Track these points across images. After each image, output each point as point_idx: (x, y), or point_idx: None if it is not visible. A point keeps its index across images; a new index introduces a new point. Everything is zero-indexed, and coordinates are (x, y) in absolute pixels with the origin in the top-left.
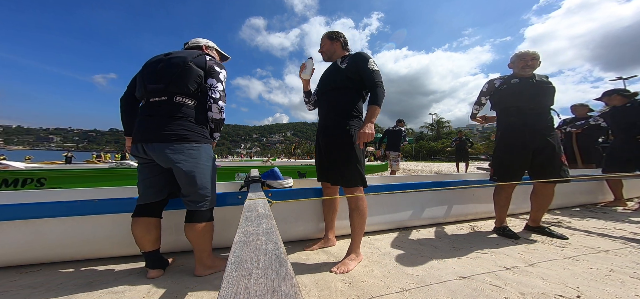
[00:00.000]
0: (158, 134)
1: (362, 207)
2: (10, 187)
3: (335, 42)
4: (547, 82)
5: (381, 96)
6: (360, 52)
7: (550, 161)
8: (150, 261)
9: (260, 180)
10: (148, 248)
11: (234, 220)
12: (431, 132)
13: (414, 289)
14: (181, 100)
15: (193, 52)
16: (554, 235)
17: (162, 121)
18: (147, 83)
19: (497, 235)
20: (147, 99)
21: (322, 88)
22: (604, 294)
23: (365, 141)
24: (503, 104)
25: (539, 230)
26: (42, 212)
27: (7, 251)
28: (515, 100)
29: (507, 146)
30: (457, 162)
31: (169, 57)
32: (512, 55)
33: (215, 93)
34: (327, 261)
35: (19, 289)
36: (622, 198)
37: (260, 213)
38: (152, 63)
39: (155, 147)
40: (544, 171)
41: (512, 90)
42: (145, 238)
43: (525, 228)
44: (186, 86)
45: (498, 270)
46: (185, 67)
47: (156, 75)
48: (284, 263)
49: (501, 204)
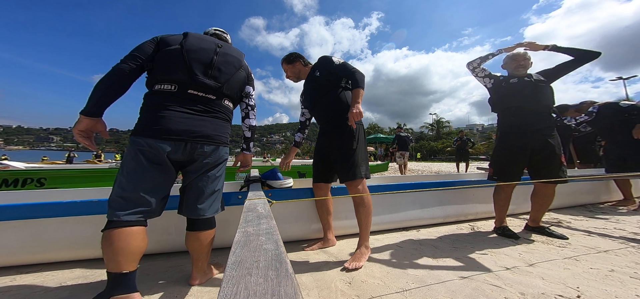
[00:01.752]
0: (215, 135)
1: (367, 201)
2: (10, 188)
3: (296, 62)
4: (545, 82)
5: (361, 79)
6: (321, 56)
7: (550, 161)
8: (131, 282)
9: (260, 180)
10: (134, 267)
11: (234, 220)
12: (431, 132)
13: (414, 289)
14: (228, 104)
15: (241, 53)
16: (554, 235)
17: (216, 122)
18: (198, 74)
19: (497, 235)
20: (189, 90)
21: (311, 101)
22: (604, 294)
23: (356, 120)
24: (504, 104)
25: (539, 230)
26: (42, 212)
27: (7, 251)
28: (517, 99)
29: (507, 146)
30: (458, 162)
31: (225, 52)
32: (504, 57)
33: (251, 100)
34: (328, 261)
35: (19, 289)
36: (631, 197)
37: (260, 213)
38: (201, 49)
39: (211, 149)
40: (543, 170)
41: (513, 89)
42: (140, 251)
43: (525, 228)
44: (237, 90)
45: (498, 270)
46: (239, 70)
47: (211, 68)
48: (284, 263)
49: (501, 204)
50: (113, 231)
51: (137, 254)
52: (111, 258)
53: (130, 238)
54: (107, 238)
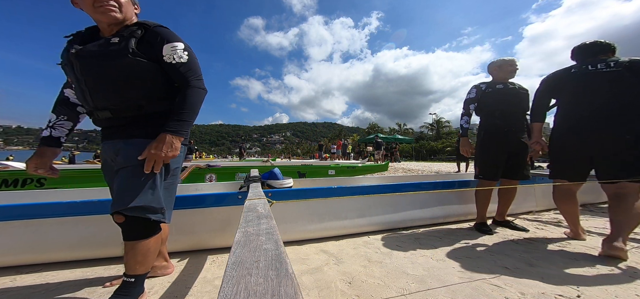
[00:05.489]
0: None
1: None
2: (10, 188)
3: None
4: (525, 90)
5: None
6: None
7: (523, 161)
8: (143, 282)
9: (260, 180)
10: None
11: (234, 220)
12: (431, 132)
13: (413, 290)
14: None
15: None
16: (517, 228)
17: None
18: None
19: (476, 230)
20: None
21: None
22: (604, 294)
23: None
24: (488, 107)
25: (504, 224)
26: (42, 212)
27: (7, 251)
28: (500, 104)
29: (493, 145)
30: (458, 162)
31: None
32: (493, 63)
33: None
34: (328, 261)
35: (19, 289)
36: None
37: (260, 213)
38: None
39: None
40: (515, 170)
41: (498, 94)
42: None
43: (493, 222)
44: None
45: (498, 270)
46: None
47: None
48: (284, 263)
49: (483, 202)
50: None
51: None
52: (151, 259)
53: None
54: (157, 240)
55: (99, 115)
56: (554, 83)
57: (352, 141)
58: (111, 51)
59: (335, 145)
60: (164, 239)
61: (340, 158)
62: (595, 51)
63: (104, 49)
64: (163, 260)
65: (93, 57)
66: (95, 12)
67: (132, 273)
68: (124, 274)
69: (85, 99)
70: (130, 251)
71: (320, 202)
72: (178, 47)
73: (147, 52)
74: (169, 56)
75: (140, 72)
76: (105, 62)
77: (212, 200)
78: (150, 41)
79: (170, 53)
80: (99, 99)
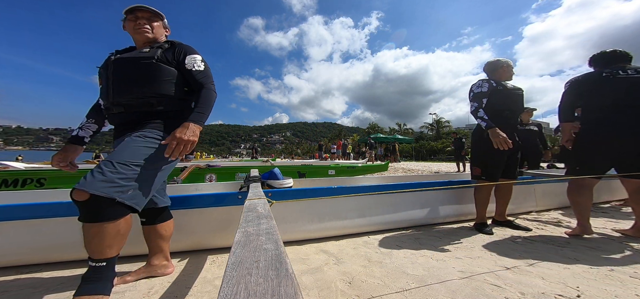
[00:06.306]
0: None
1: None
2: (10, 188)
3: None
4: (521, 90)
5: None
6: None
7: (517, 161)
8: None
9: (260, 180)
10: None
11: (234, 220)
12: (431, 132)
13: (414, 289)
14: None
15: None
16: (519, 227)
17: None
18: None
19: (476, 230)
20: None
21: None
22: (604, 294)
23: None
24: (499, 106)
25: (506, 224)
26: (42, 213)
27: (7, 251)
28: (510, 104)
29: (495, 147)
30: (458, 162)
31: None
32: (489, 64)
33: None
34: (327, 261)
35: (19, 289)
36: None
37: (260, 213)
38: None
39: None
40: (512, 170)
41: (508, 93)
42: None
43: (493, 222)
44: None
45: (498, 270)
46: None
47: None
48: (284, 263)
49: (482, 202)
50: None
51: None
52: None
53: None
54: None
55: (113, 110)
56: (585, 85)
57: (352, 141)
58: (141, 56)
59: (335, 145)
60: (167, 238)
61: (340, 158)
62: (616, 59)
63: (136, 54)
64: (164, 259)
65: (126, 60)
66: (135, 33)
67: (102, 256)
68: (91, 259)
69: (108, 95)
70: (98, 234)
71: (320, 202)
72: (197, 58)
73: (170, 59)
74: (189, 65)
75: (158, 74)
76: (133, 63)
77: (212, 200)
78: (174, 52)
79: (191, 62)
80: (118, 93)
